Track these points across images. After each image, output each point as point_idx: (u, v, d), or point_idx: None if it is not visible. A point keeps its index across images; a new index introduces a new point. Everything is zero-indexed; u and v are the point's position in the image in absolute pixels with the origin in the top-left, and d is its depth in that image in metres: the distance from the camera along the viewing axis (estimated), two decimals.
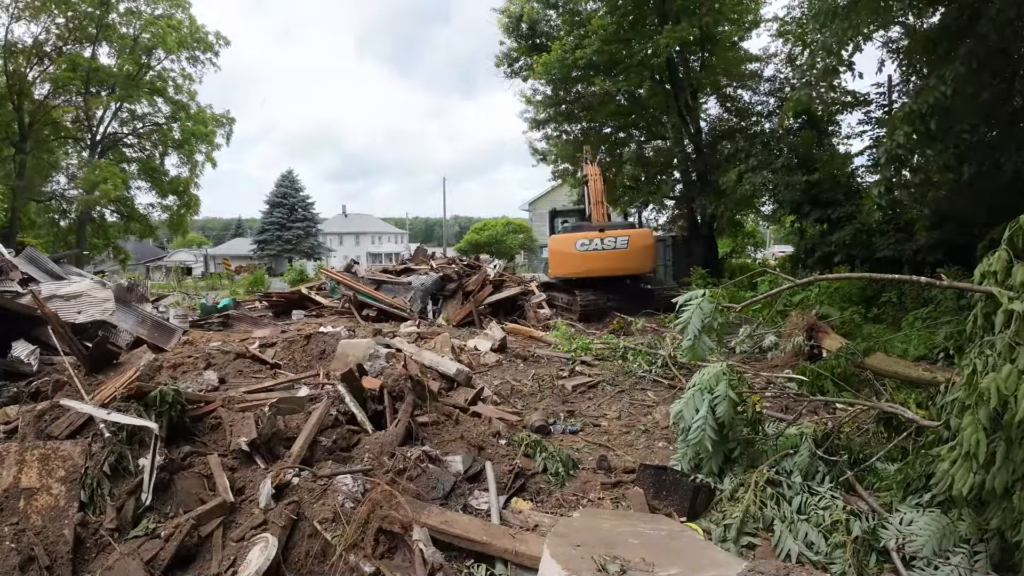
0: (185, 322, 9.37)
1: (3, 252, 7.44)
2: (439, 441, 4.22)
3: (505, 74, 21.95)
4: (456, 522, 3.04)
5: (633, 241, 12.42)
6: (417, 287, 11.93)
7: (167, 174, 31.36)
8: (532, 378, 6.73)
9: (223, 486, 3.30)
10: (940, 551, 2.76)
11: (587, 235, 12.65)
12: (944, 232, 9.97)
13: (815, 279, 4.76)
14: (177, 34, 28.83)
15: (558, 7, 19.56)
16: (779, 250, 35.70)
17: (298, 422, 4.06)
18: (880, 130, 14.81)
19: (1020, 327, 2.48)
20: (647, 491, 3.54)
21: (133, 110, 30.60)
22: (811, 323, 7.32)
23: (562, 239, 13.13)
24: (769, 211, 19.32)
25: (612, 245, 12.40)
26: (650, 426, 5.12)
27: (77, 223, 29.41)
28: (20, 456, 3.23)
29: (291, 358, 6.44)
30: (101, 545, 2.97)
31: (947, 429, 2.90)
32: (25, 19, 26.19)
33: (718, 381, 3.67)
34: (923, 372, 5.64)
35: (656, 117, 20.50)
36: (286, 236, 52.60)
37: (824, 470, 3.44)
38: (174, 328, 8.20)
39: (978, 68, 7.42)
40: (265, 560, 2.78)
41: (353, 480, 3.30)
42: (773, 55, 17.65)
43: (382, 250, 71.80)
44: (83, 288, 7.22)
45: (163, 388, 3.77)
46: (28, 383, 5.06)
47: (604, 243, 12.44)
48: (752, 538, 3.02)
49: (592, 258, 12.49)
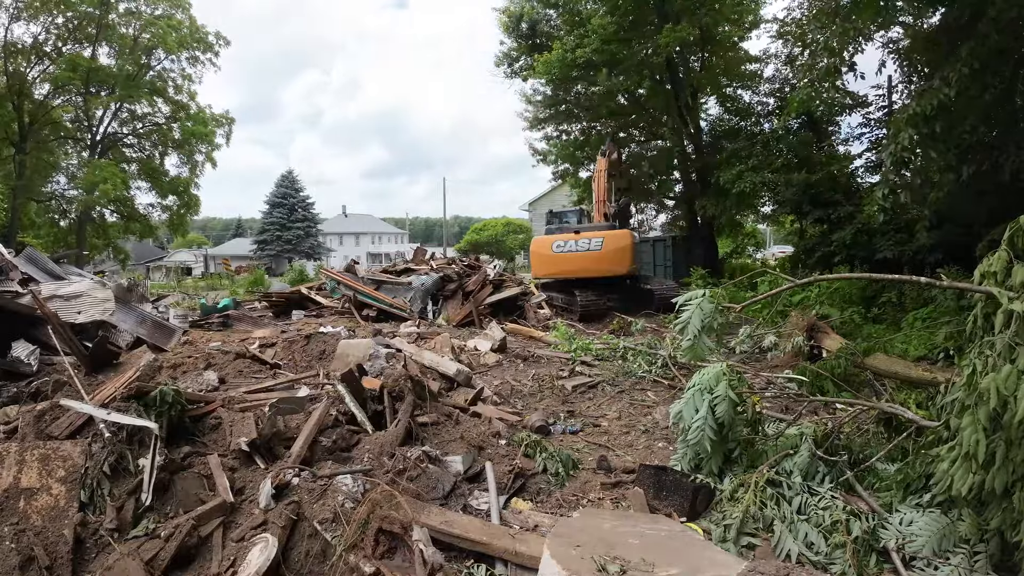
0: (185, 322, 9.37)
1: (3, 252, 7.43)
2: (439, 441, 4.22)
3: (505, 74, 21.99)
4: (456, 522, 3.04)
5: (608, 242, 12.43)
6: (417, 287, 11.93)
7: (167, 174, 31.38)
8: (532, 378, 6.73)
9: (223, 486, 3.30)
10: (940, 551, 2.76)
11: (563, 237, 12.80)
12: (944, 232, 9.97)
13: (815, 279, 4.76)
14: (177, 34, 28.84)
15: (558, 7, 19.57)
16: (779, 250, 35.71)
17: (298, 422, 4.06)
18: (880, 131, 14.84)
19: (1020, 327, 2.48)
20: (647, 491, 3.54)
21: (133, 110, 30.62)
22: (811, 323, 7.32)
23: (541, 241, 13.30)
24: (769, 211, 19.36)
25: (587, 247, 12.45)
26: (650, 426, 5.13)
27: (77, 223, 29.41)
28: (20, 456, 3.23)
29: (291, 358, 6.45)
30: (101, 545, 2.97)
31: (947, 429, 2.90)
32: (25, 19, 26.23)
33: (718, 381, 3.66)
34: (923, 372, 5.65)
35: (656, 117, 20.51)
36: (286, 236, 52.64)
37: (824, 470, 3.44)
38: (174, 328, 8.20)
39: (980, 69, 7.43)
40: (265, 560, 2.78)
41: (353, 480, 3.30)
42: (773, 55, 17.70)
43: (382, 250, 71.83)
44: (83, 288, 7.21)
45: (163, 388, 3.76)
46: (28, 383, 5.06)
47: (579, 244, 12.52)
48: (752, 538, 3.02)
49: (567, 259, 12.60)
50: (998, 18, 7.32)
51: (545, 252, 12.91)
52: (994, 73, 7.68)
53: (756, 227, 26.06)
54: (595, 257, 12.39)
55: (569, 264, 12.60)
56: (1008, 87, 7.75)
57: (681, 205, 21.80)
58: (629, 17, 16.57)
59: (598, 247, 12.37)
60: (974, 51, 7.33)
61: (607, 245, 12.38)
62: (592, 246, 12.40)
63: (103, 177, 26.09)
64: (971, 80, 7.46)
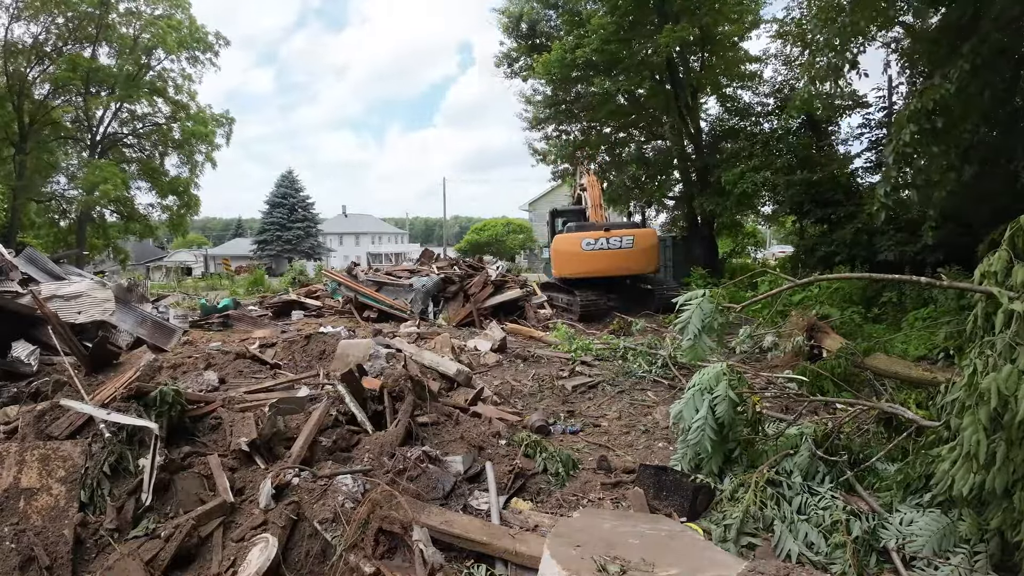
0: (185, 322, 9.37)
1: (3, 252, 7.42)
2: (439, 441, 4.22)
3: (505, 74, 21.99)
4: (456, 522, 3.04)
5: (638, 241, 12.45)
6: (418, 288, 11.93)
7: (167, 174, 31.36)
8: (532, 378, 6.73)
9: (223, 486, 3.30)
10: (940, 551, 2.76)
11: (593, 234, 12.63)
12: (945, 232, 9.97)
13: (815, 279, 4.75)
14: (177, 34, 28.81)
15: (558, 7, 19.58)
16: (779, 250, 35.69)
17: (298, 422, 4.06)
18: (880, 132, 14.85)
19: (1020, 327, 2.48)
20: (647, 491, 3.54)
21: (133, 110, 30.60)
22: (811, 323, 7.31)
23: (567, 238, 13.05)
24: (769, 211, 19.36)
25: (618, 244, 12.41)
26: (650, 426, 5.12)
27: (77, 223, 29.39)
28: (20, 456, 3.23)
29: (291, 358, 6.45)
30: (101, 545, 2.97)
31: (947, 429, 2.90)
32: (25, 19, 26.21)
33: (718, 381, 3.66)
34: (923, 372, 5.64)
35: (656, 117, 20.48)
36: (286, 236, 52.62)
37: (824, 470, 3.44)
38: (174, 328, 8.20)
39: (981, 66, 7.44)
40: (265, 560, 2.78)
41: (353, 480, 3.30)
42: (773, 55, 17.70)
43: (382, 250, 71.81)
44: (83, 288, 7.22)
45: (163, 388, 3.76)
46: (28, 383, 5.06)
47: (610, 243, 12.45)
48: (752, 538, 3.02)
49: (597, 257, 12.49)
50: (999, 17, 7.32)
51: (574, 250, 12.68)
52: (995, 72, 7.69)
53: (756, 227, 26.05)
54: (627, 255, 12.40)
55: (600, 262, 12.50)
56: (1009, 87, 7.75)
57: (681, 205, 21.78)
58: (629, 17, 16.55)
59: (629, 245, 12.39)
60: (975, 48, 7.34)
61: (637, 243, 12.42)
62: (624, 244, 12.39)
63: (103, 177, 26.08)
64: (971, 77, 7.46)
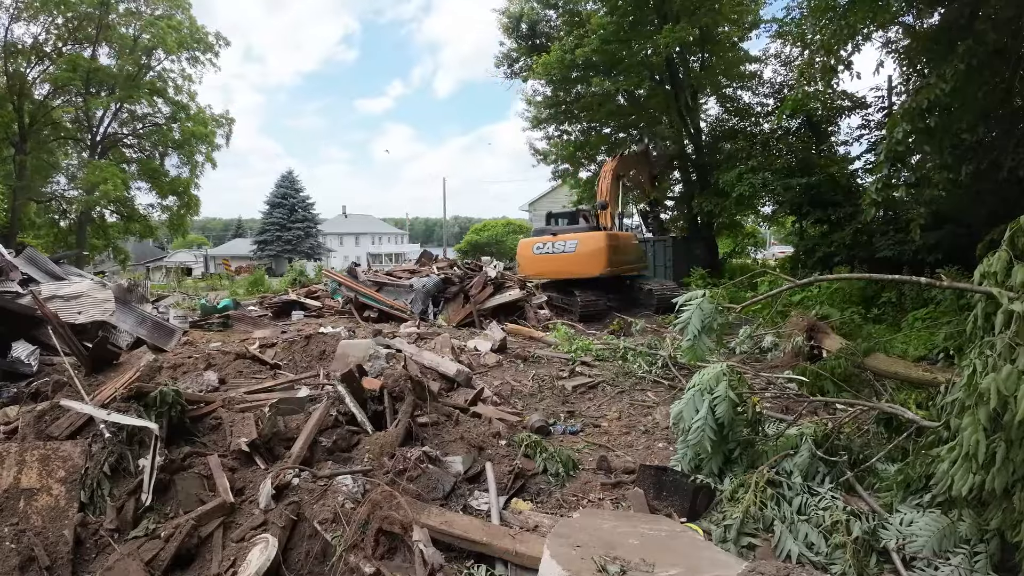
0: (185, 322, 9.35)
1: (3, 252, 7.42)
2: (439, 442, 4.22)
3: (505, 75, 22.02)
4: (456, 523, 3.04)
5: (581, 245, 12.64)
6: (418, 289, 11.94)
7: (167, 175, 31.33)
8: (532, 379, 6.72)
9: (223, 487, 3.30)
10: (940, 552, 2.76)
11: (543, 239, 13.12)
12: (944, 232, 9.98)
13: (815, 279, 4.75)
14: (177, 35, 28.80)
15: (558, 7, 19.60)
16: (779, 250, 35.69)
17: (298, 423, 4.06)
18: (879, 132, 14.85)
19: (1020, 327, 2.48)
20: (647, 492, 3.54)
21: (133, 110, 30.57)
22: (811, 323, 7.31)
23: (525, 243, 13.72)
24: (769, 212, 19.37)
25: (562, 248, 12.73)
26: (650, 427, 5.12)
27: (77, 223, 29.38)
28: (20, 456, 3.23)
29: (291, 359, 6.44)
30: (101, 546, 2.98)
31: (947, 429, 2.90)
32: (25, 19, 26.22)
33: (718, 382, 3.66)
34: (923, 372, 5.63)
35: (656, 117, 20.51)
36: (286, 236, 52.62)
37: (824, 471, 3.44)
38: (174, 328, 8.19)
39: (978, 67, 7.44)
40: (265, 560, 2.78)
41: (353, 481, 3.30)
42: (773, 56, 17.71)
43: (382, 250, 71.83)
44: (83, 288, 7.22)
45: (163, 389, 3.76)
46: (28, 383, 5.06)
47: (555, 247, 12.84)
48: (752, 538, 3.02)
49: (546, 261, 12.97)
50: (996, 17, 7.33)
51: (527, 254, 13.38)
52: (992, 72, 7.69)
53: (756, 227, 26.07)
54: (569, 259, 12.67)
55: (547, 265, 13.02)
56: (1007, 87, 7.76)
57: (681, 205, 21.80)
58: (629, 17, 16.58)
59: (572, 249, 12.66)
60: (971, 49, 7.35)
61: (580, 247, 12.63)
62: (567, 248, 12.70)
63: (103, 177, 26.07)
64: (967, 77, 7.47)
